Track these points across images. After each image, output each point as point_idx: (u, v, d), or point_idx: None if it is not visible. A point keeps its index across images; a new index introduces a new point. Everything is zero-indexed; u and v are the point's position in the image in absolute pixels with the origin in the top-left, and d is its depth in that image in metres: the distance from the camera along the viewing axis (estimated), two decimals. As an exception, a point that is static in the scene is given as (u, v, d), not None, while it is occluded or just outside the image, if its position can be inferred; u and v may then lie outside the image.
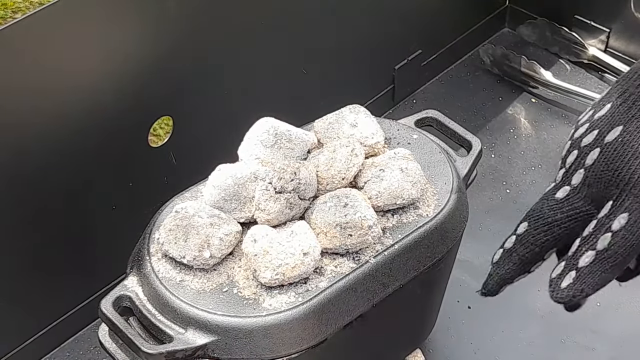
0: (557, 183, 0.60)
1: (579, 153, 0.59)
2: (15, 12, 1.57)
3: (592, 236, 0.56)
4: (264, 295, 0.65)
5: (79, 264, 0.85)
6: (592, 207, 0.58)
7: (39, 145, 0.76)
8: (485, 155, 0.95)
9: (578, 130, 0.60)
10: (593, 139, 0.58)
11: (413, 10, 1.07)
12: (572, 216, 0.59)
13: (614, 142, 0.56)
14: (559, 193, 0.59)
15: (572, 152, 0.59)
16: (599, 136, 0.57)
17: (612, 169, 0.56)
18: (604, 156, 0.56)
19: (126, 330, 0.64)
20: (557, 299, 0.58)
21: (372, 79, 1.08)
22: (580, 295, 0.57)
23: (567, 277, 0.57)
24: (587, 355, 0.86)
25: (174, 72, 0.84)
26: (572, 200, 0.59)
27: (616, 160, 0.56)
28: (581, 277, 0.56)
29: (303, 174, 0.67)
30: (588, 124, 0.59)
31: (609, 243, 0.55)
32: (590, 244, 0.56)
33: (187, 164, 0.81)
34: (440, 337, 0.87)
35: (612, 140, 0.56)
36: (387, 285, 0.69)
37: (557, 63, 1.17)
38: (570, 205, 0.59)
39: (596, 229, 0.56)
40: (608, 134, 0.57)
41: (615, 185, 0.56)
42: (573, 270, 0.57)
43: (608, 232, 0.56)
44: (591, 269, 0.56)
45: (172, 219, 0.67)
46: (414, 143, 0.77)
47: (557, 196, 0.59)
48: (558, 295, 0.57)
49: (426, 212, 0.71)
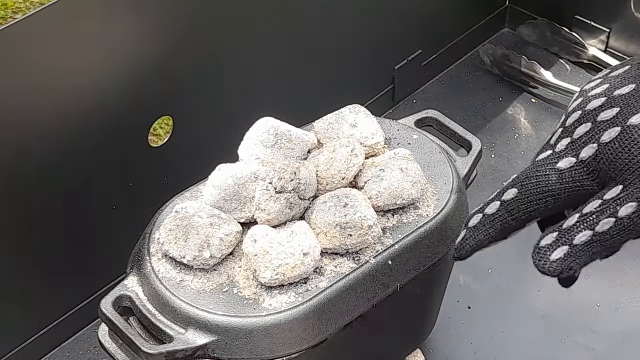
0: (558, 152, 0.58)
1: (593, 126, 0.56)
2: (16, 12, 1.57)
3: (593, 215, 0.55)
4: (264, 295, 0.65)
5: (79, 264, 0.85)
6: (595, 184, 0.56)
7: (39, 145, 0.76)
8: (485, 155, 0.95)
9: (592, 102, 0.57)
10: (613, 115, 0.55)
11: (413, 10, 1.07)
12: (572, 189, 0.57)
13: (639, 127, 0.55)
14: (562, 163, 0.57)
15: (585, 123, 0.57)
16: (620, 115, 0.55)
17: (631, 152, 0.54)
18: (625, 137, 0.54)
19: (126, 330, 0.64)
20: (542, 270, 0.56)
21: (372, 79, 1.08)
22: (568, 272, 0.55)
23: (559, 250, 0.55)
24: (587, 355, 0.86)
25: (174, 72, 0.84)
26: (576, 173, 0.56)
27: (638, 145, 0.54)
28: (573, 254, 0.55)
29: (303, 173, 0.67)
30: (605, 98, 0.57)
31: (609, 228, 0.54)
32: (589, 223, 0.55)
33: (187, 164, 0.81)
34: (440, 337, 0.87)
35: (637, 123, 0.54)
36: (387, 285, 0.69)
37: (557, 63, 1.17)
38: (572, 178, 0.56)
39: (600, 210, 0.55)
40: (633, 117, 0.55)
41: (630, 171, 0.54)
42: (566, 246, 0.55)
43: (612, 217, 0.54)
44: (584, 248, 0.55)
45: (172, 219, 0.67)
46: (414, 143, 0.77)
47: (559, 166, 0.57)
48: (546, 266, 0.55)
49: (426, 212, 0.71)
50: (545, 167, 0.58)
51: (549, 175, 0.57)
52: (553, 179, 0.57)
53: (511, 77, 1.14)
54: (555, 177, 0.57)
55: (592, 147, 0.56)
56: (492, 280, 0.71)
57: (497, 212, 0.59)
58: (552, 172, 0.57)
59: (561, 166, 0.57)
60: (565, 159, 0.57)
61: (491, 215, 0.60)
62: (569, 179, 0.57)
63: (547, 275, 0.56)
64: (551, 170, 0.57)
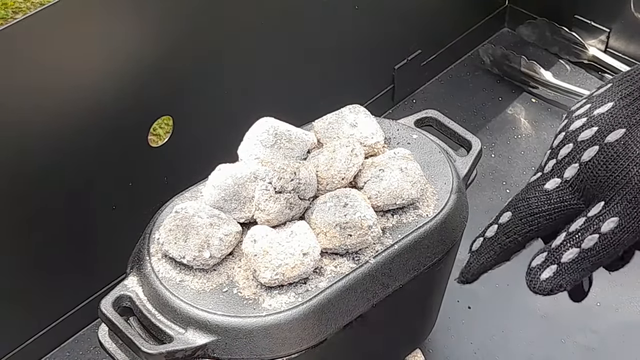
0: (545, 173, 0.60)
1: (574, 147, 0.58)
2: (16, 12, 1.57)
3: (578, 233, 0.56)
4: (264, 296, 0.65)
5: (79, 264, 0.85)
6: (581, 202, 0.58)
7: (39, 145, 0.76)
8: (485, 155, 0.95)
9: (574, 123, 0.59)
10: (592, 135, 0.57)
11: (413, 10, 1.07)
12: (560, 209, 0.58)
13: (615, 144, 0.56)
14: (549, 184, 0.59)
15: (567, 144, 0.59)
16: (598, 134, 0.57)
17: (609, 170, 0.56)
18: (603, 155, 0.56)
19: (126, 330, 0.64)
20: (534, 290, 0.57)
21: (372, 79, 1.08)
22: (558, 290, 0.57)
23: (548, 269, 0.57)
24: (587, 355, 0.86)
25: (174, 72, 0.84)
26: (562, 193, 0.58)
27: (615, 162, 0.56)
28: (562, 272, 0.56)
29: (303, 173, 0.67)
30: (586, 118, 0.58)
31: (595, 244, 0.56)
32: (575, 241, 0.56)
33: (187, 164, 0.81)
34: (440, 337, 0.87)
35: (613, 141, 0.56)
36: (387, 285, 0.69)
37: (557, 63, 1.17)
38: (559, 198, 0.58)
39: (584, 227, 0.56)
40: (610, 135, 0.56)
41: (610, 187, 0.56)
42: (555, 265, 0.57)
43: (596, 234, 0.56)
44: (572, 265, 0.56)
45: (172, 219, 0.67)
46: (413, 143, 0.77)
47: (546, 187, 0.59)
48: (536, 286, 0.57)
49: (426, 212, 0.71)
50: (535, 189, 0.60)
51: (538, 197, 0.60)
52: (542, 200, 0.59)
53: (511, 77, 1.14)
54: (544, 198, 0.59)
55: (574, 167, 0.58)
56: (492, 280, 0.71)
57: (495, 235, 0.62)
58: (541, 193, 0.59)
59: (548, 187, 0.59)
60: (552, 180, 0.59)
61: (491, 239, 0.62)
62: (557, 199, 0.59)
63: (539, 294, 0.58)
64: (540, 191, 0.60)
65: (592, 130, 0.57)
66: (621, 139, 0.56)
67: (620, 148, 0.55)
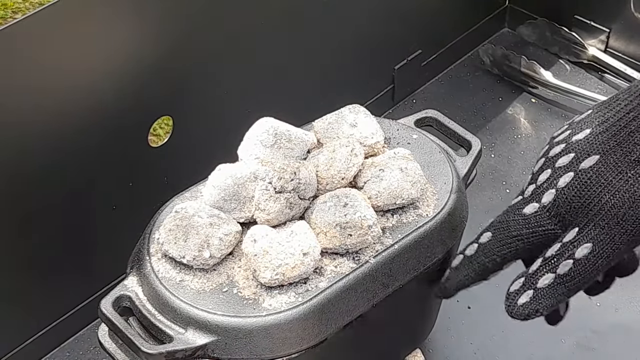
0: (525, 198, 0.61)
1: (552, 173, 0.59)
2: (16, 12, 1.57)
3: (554, 259, 0.57)
4: (264, 295, 0.65)
5: (79, 264, 0.85)
6: (558, 227, 0.58)
7: (39, 145, 0.76)
8: (485, 155, 0.95)
9: (553, 149, 0.60)
10: (568, 161, 0.58)
11: (413, 10, 1.07)
12: (537, 233, 0.59)
13: (589, 171, 0.56)
14: (527, 209, 0.60)
15: (546, 170, 0.59)
16: (574, 160, 0.57)
17: (583, 196, 0.56)
18: (577, 182, 0.57)
19: (126, 330, 0.64)
20: (512, 315, 0.59)
21: (372, 79, 1.08)
22: (535, 315, 0.58)
23: (525, 295, 0.58)
24: (587, 355, 0.86)
25: (174, 72, 0.84)
26: (540, 218, 0.59)
27: (588, 189, 0.56)
28: (538, 297, 0.58)
29: (303, 173, 0.67)
30: (564, 144, 0.59)
31: (569, 269, 0.56)
32: (550, 267, 0.57)
33: (187, 164, 0.81)
34: (440, 337, 0.87)
35: (587, 168, 0.56)
36: (387, 285, 0.69)
37: (557, 63, 1.17)
38: (537, 223, 0.59)
39: (559, 253, 0.57)
40: (584, 161, 0.57)
41: (584, 214, 0.56)
42: (531, 290, 0.58)
43: (570, 259, 0.56)
44: (548, 291, 0.57)
45: (172, 219, 0.67)
46: (413, 143, 0.77)
47: (524, 211, 0.60)
48: (514, 311, 0.59)
49: (426, 212, 0.71)
50: (514, 212, 0.61)
51: (517, 221, 0.61)
52: (520, 224, 0.61)
53: (511, 77, 1.14)
54: (522, 222, 0.61)
55: (551, 193, 0.58)
56: (492, 280, 0.72)
57: (475, 254, 0.63)
58: (519, 217, 0.61)
59: (527, 212, 0.60)
60: (530, 205, 0.60)
61: (470, 257, 0.64)
62: (534, 223, 0.60)
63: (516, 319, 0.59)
64: (519, 215, 0.61)
65: (569, 156, 0.58)
66: (594, 166, 0.56)
67: (593, 175, 0.56)
